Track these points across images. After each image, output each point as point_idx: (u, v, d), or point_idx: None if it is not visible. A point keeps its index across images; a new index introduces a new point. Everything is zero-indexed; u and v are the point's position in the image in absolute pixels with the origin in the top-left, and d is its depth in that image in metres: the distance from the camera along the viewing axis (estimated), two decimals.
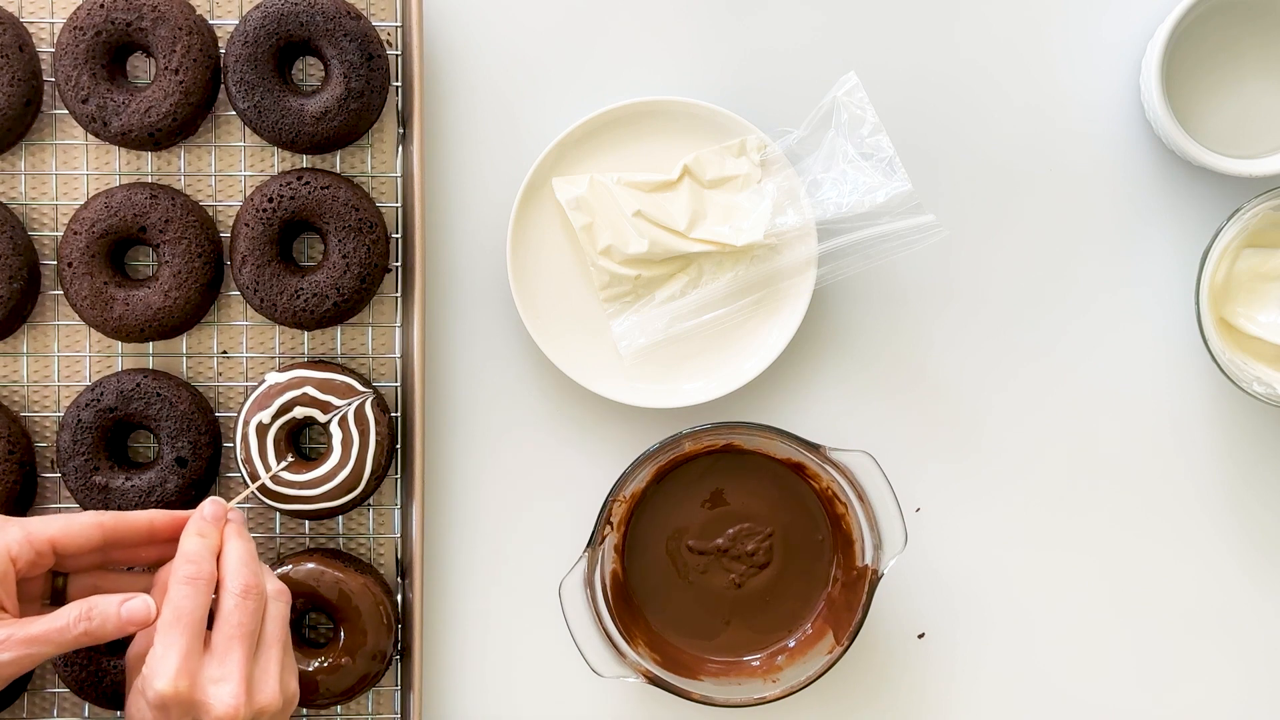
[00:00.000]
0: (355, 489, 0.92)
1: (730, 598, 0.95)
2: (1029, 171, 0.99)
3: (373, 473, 0.92)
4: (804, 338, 0.97)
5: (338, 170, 0.96)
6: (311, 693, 0.92)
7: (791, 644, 0.95)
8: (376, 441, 0.92)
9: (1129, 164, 0.99)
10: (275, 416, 0.91)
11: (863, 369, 0.98)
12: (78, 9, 0.92)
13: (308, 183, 0.92)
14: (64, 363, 0.96)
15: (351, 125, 0.92)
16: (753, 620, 0.95)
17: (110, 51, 0.92)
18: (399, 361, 0.97)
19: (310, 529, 0.97)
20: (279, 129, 0.92)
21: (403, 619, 0.95)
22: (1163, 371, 0.99)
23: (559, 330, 0.96)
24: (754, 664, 0.95)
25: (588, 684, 0.92)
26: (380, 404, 0.93)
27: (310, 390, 0.92)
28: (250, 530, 0.96)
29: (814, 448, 0.90)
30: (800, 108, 0.96)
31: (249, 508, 0.96)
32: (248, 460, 0.92)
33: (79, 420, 0.92)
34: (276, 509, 0.93)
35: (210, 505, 0.83)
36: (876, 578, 0.90)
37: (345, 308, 0.93)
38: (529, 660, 0.98)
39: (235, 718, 0.76)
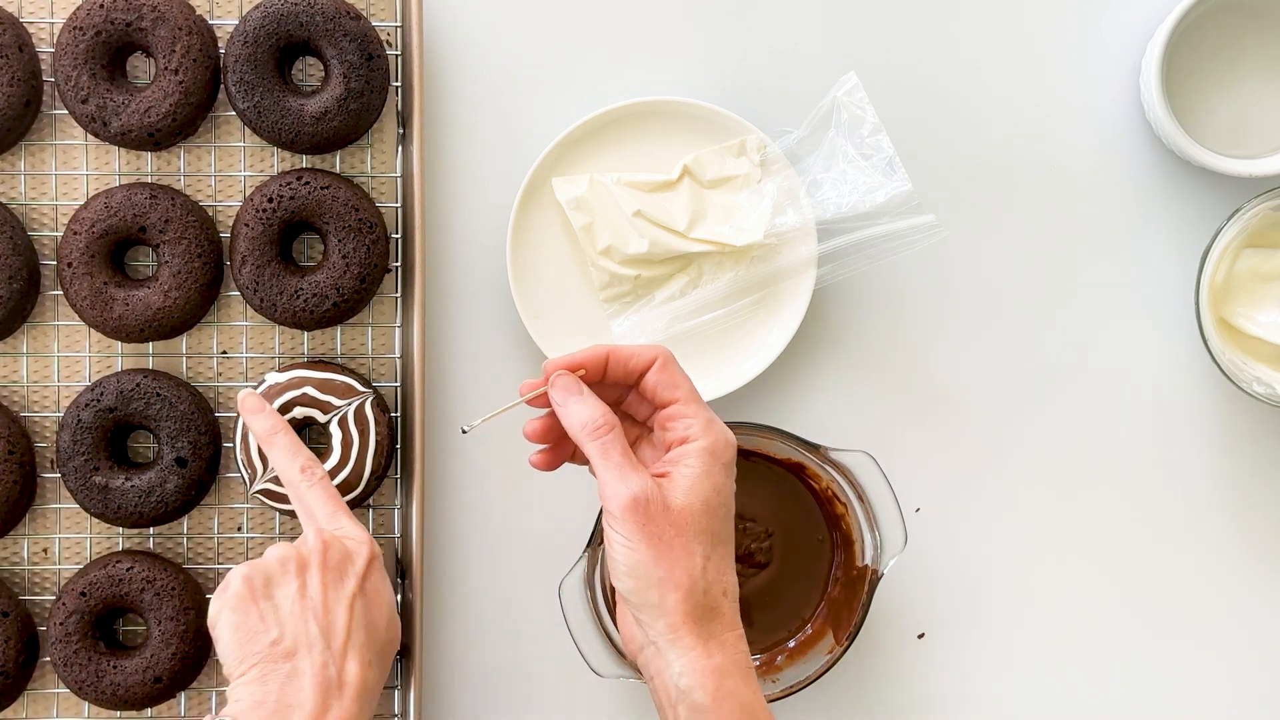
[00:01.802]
0: (355, 489, 0.92)
1: None
2: (1029, 171, 0.99)
3: (373, 473, 0.92)
4: (804, 338, 0.97)
5: (338, 170, 0.96)
6: None
7: (791, 644, 0.95)
8: (376, 441, 0.92)
9: (1129, 164, 0.99)
10: None
11: (863, 369, 0.98)
12: (78, 9, 0.92)
13: (308, 183, 0.92)
14: (64, 363, 0.96)
15: (351, 125, 0.92)
16: (752, 620, 0.95)
17: (110, 51, 0.92)
18: (399, 361, 0.97)
19: None
20: (279, 129, 0.92)
21: (403, 619, 0.95)
22: (1163, 371, 0.99)
23: (559, 330, 0.95)
24: (754, 664, 0.94)
25: (588, 684, 0.92)
26: (380, 404, 0.93)
27: (310, 390, 0.91)
28: (250, 530, 0.96)
29: (814, 448, 0.90)
30: (800, 108, 0.96)
31: (249, 508, 0.96)
32: (248, 460, 0.92)
33: (79, 420, 0.92)
34: (276, 509, 0.93)
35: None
36: (876, 578, 0.90)
37: (345, 308, 0.93)
38: (529, 660, 0.98)
39: None
